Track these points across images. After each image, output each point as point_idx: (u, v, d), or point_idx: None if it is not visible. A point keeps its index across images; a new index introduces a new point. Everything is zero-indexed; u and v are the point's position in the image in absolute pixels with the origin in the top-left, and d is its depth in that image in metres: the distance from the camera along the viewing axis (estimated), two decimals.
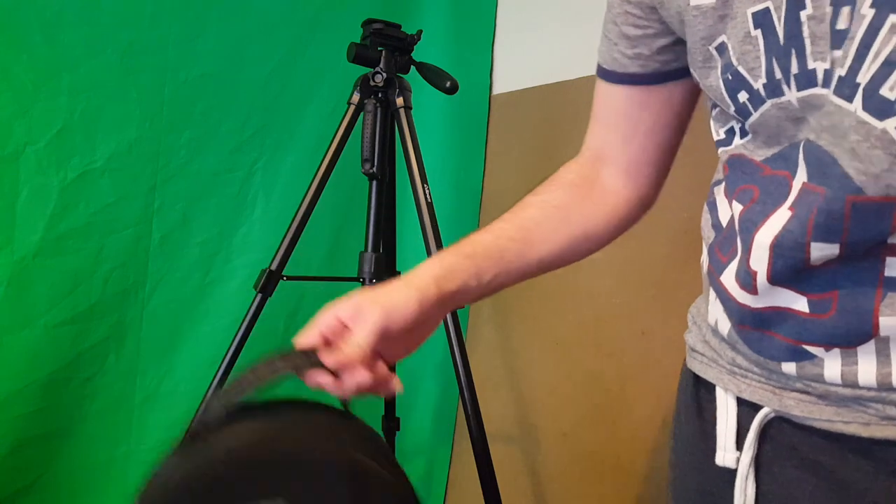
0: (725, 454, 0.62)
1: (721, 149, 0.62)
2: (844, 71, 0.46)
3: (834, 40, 0.47)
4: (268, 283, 1.38)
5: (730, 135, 0.61)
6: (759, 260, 0.54)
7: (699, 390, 0.67)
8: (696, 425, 0.67)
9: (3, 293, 1.37)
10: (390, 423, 1.63)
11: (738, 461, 0.61)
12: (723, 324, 0.62)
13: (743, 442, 0.60)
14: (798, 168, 0.52)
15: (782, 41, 0.50)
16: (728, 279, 0.59)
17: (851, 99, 0.46)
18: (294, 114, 1.68)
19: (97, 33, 1.42)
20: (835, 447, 0.56)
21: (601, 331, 1.58)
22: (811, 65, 0.49)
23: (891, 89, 0.44)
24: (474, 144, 1.96)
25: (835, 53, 0.47)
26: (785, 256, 0.53)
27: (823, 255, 0.51)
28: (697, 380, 0.67)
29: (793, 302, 0.54)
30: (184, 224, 1.57)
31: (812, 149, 0.50)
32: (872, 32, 0.44)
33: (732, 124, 0.60)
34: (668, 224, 1.34)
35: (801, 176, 0.52)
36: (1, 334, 1.38)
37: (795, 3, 0.49)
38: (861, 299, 0.50)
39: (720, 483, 0.63)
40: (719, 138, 0.62)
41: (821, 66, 0.48)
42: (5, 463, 1.42)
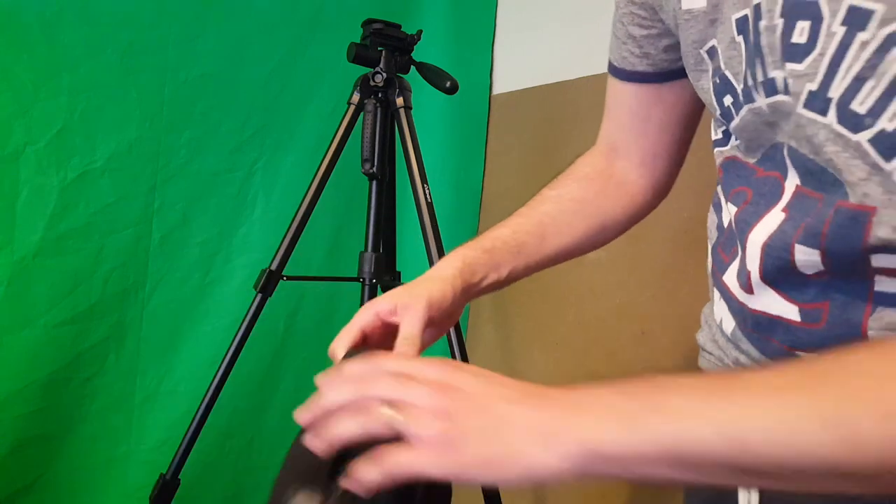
0: None
1: (717, 149, 0.63)
2: (816, 86, 0.47)
3: (788, 53, 0.48)
4: (268, 283, 1.38)
5: (725, 136, 0.61)
6: (753, 259, 0.55)
7: None
8: None
9: (3, 293, 1.37)
10: None
11: None
12: (727, 323, 0.62)
13: None
14: (788, 171, 0.52)
15: (753, 49, 0.51)
16: (730, 279, 0.60)
17: (825, 113, 0.46)
18: (294, 114, 1.68)
19: (97, 33, 1.41)
20: None
21: (601, 331, 1.58)
22: (770, 73, 0.50)
23: (860, 104, 0.44)
24: (474, 144, 1.96)
25: (789, 66, 0.48)
26: (773, 257, 0.53)
27: (807, 260, 0.51)
28: None
29: (785, 311, 0.54)
30: (184, 224, 1.57)
31: (798, 157, 0.51)
32: (842, 49, 0.44)
33: (726, 126, 0.61)
34: (668, 224, 1.34)
35: (794, 179, 0.52)
36: (1, 334, 1.38)
37: (757, 14, 0.50)
38: (851, 312, 0.51)
39: None
40: (717, 138, 0.63)
41: (779, 75, 0.49)
42: (5, 463, 1.42)
